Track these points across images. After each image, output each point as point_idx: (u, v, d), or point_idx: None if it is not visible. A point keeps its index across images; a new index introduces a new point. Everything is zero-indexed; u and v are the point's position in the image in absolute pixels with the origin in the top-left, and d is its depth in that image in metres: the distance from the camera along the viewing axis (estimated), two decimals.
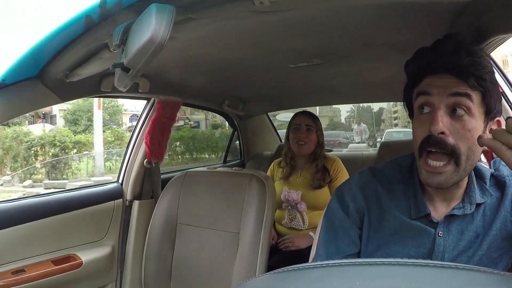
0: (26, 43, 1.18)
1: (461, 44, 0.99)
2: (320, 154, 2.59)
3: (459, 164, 0.97)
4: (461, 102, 0.96)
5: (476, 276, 0.46)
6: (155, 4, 0.88)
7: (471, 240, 1.05)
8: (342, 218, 1.18)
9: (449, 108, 0.97)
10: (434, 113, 0.96)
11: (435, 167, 0.98)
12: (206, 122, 20.42)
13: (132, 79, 1.03)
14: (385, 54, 1.83)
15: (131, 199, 2.47)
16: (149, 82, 2.07)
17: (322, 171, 2.54)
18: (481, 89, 0.97)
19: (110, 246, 2.31)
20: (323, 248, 1.19)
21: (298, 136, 2.55)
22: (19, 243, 1.86)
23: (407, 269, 0.49)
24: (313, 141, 2.57)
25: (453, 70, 0.97)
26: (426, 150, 0.99)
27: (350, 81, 2.59)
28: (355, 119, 35.81)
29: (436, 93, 0.98)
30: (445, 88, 0.97)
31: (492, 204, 1.07)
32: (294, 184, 2.60)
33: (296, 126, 2.59)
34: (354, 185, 1.20)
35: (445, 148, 0.96)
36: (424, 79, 1.03)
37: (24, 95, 1.34)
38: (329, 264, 0.53)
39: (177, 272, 2.18)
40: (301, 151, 2.57)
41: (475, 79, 0.95)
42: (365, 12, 1.30)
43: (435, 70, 1.00)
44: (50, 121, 26.32)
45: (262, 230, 1.94)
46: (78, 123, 22.02)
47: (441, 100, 0.97)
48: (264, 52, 1.75)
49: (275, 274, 0.56)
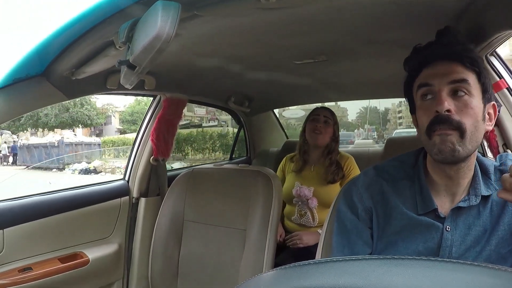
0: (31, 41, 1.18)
1: (453, 36, 1.09)
2: (335, 149, 2.58)
3: (463, 137, 1.01)
4: (461, 87, 1.03)
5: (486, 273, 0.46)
6: (161, 1, 0.88)
7: (478, 235, 1.06)
8: (353, 220, 1.19)
9: (450, 92, 1.03)
10: (438, 95, 1.03)
11: (445, 129, 1.01)
12: (232, 122, 21.23)
13: (138, 76, 1.03)
14: (389, 51, 1.83)
15: (137, 197, 2.48)
16: (155, 80, 2.07)
17: (336, 165, 2.53)
18: (476, 69, 1.05)
19: (116, 243, 2.31)
20: (338, 253, 1.20)
21: (315, 125, 2.55)
22: (25, 241, 1.87)
23: (417, 266, 0.49)
24: (329, 134, 2.56)
25: (448, 57, 1.06)
26: (433, 130, 1.03)
27: (355, 78, 2.59)
28: (367, 119, 39.89)
29: (436, 82, 1.05)
30: (444, 77, 1.05)
31: (499, 200, 1.07)
32: (307, 179, 2.58)
33: (315, 117, 2.59)
34: (360, 186, 1.21)
35: (452, 124, 1.01)
36: (422, 71, 1.10)
37: (30, 93, 1.34)
38: (334, 260, 0.53)
39: (183, 269, 2.19)
40: (316, 141, 2.55)
41: (469, 61, 1.05)
42: (369, 9, 1.30)
43: (432, 61, 1.08)
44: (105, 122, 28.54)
45: (269, 227, 1.94)
46: (137, 123, 23.91)
47: (442, 87, 1.04)
48: (269, 49, 1.75)
49: (282, 271, 0.55)
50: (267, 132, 4.18)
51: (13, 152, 19.78)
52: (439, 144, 1.02)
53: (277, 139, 4.19)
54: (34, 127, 25.81)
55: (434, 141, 1.03)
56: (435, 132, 1.02)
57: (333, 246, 1.24)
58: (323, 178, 2.52)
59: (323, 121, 2.56)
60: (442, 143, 1.02)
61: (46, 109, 22.95)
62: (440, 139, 1.02)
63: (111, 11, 1.04)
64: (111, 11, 1.05)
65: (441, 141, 1.02)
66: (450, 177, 1.09)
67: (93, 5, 1.06)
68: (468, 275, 0.47)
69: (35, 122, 25.19)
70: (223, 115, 19.78)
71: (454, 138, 1.00)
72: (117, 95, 4.81)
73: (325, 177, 2.51)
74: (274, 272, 0.57)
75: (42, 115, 24.06)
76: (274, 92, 3.13)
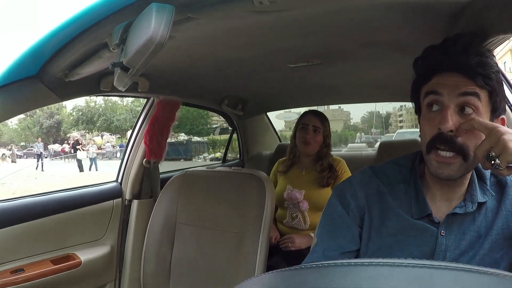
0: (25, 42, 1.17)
1: (470, 44, 1.00)
2: (326, 154, 2.59)
3: (467, 159, 0.99)
4: (470, 101, 0.98)
5: (477, 277, 0.46)
6: (155, 4, 0.88)
7: (472, 240, 1.06)
8: (343, 215, 1.18)
9: (458, 107, 0.99)
10: (445, 111, 0.98)
11: (446, 157, 0.99)
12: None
13: (132, 78, 1.03)
14: (384, 54, 1.83)
15: (130, 199, 2.47)
16: (149, 82, 2.07)
17: (328, 169, 2.54)
18: (488, 88, 0.99)
19: (109, 245, 2.31)
20: (320, 244, 1.19)
21: (304, 136, 2.55)
22: (18, 242, 1.86)
23: (409, 270, 0.49)
24: (319, 142, 2.56)
25: (462, 70, 0.99)
26: (435, 147, 1.01)
27: (350, 81, 2.59)
28: (373, 124, 44.17)
29: (446, 92, 1.00)
30: (455, 88, 0.99)
31: (492, 205, 1.08)
32: (298, 183, 2.59)
33: (304, 126, 2.58)
34: (356, 184, 1.20)
35: (453, 147, 0.98)
36: (433, 78, 1.05)
37: (23, 94, 1.34)
38: (328, 264, 0.53)
39: (176, 271, 2.18)
40: (306, 151, 2.57)
41: (482, 79, 0.98)
42: (364, 12, 1.29)
43: (444, 69, 1.02)
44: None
45: (262, 230, 1.94)
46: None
47: (450, 100, 0.99)
48: (264, 51, 1.75)
49: (274, 274, 0.56)
50: (260, 135, 4.18)
51: (120, 148, 24.88)
52: (436, 168, 1.02)
53: (270, 142, 4.19)
54: (107, 130, 27.21)
55: (431, 161, 1.03)
56: (435, 152, 1.01)
57: (317, 238, 1.23)
58: (315, 182, 2.53)
59: (312, 130, 2.55)
60: (440, 168, 1.01)
61: (119, 115, 25.61)
62: (438, 165, 1.01)
63: (105, 13, 1.04)
64: (105, 13, 1.04)
65: (439, 166, 1.01)
66: (447, 184, 1.08)
67: (87, 6, 1.06)
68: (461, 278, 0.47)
69: (108, 126, 28.65)
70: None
71: (457, 165, 0.99)
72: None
73: (318, 181, 2.52)
74: (266, 275, 0.57)
75: (115, 120, 25.69)
76: (268, 95, 3.14)
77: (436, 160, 1.01)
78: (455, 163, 0.99)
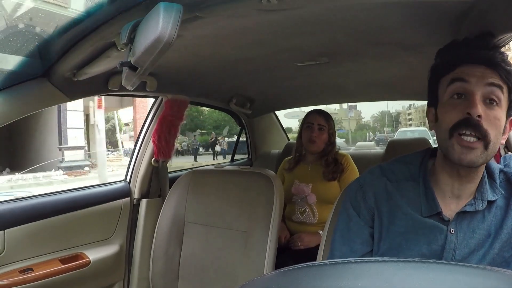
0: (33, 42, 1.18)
1: (495, 43, 1.08)
2: (330, 151, 2.65)
3: (487, 147, 1.00)
4: (495, 92, 1.01)
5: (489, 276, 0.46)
6: (163, 3, 0.88)
7: (482, 239, 1.05)
8: (354, 218, 1.19)
9: (483, 97, 1.01)
10: (473, 97, 1.01)
11: (469, 141, 1.00)
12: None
13: (140, 77, 1.03)
14: (391, 53, 1.82)
15: (138, 198, 2.47)
16: (157, 81, 2.08)
17: (334, 163, 2.60)
18: (509, 84, 1.03)
19: (117, 244, 2.31)
20: (338, 251, 1.20)
21: (309, 134, 2.62)
22: (26, 242, 1.87)
23: (419, 268, 0.48)
24: (324, 140, 2.64)
25: (488, 63, 1.03)
26: (458, 132, 1.02)
27: (357, 80, 2.58)
28: (385, 123, 46.64)
29: (473, 81, 1.02)
30: (482, 78, 1.02)
31: (502, 203, 1.07)
32: (305, 177, 2.64)
33: (309, 124, 2.65)
34: (365, 184, 1.21)
35: (479, 131, 0.99)
36: (458, 67, 1.06)
37: (32, 94, 1.35)
38: (335, 262, 0.53)
39: (184, 270, 2.19)
40: (311, 149, 2.64)
41: (505, 74, 1.02)
42: (371, 11, 1.29)
43: (472, 61, 1.05)
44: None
45: (270, 229, 1.94)
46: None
47: (478, 88, 1.02)
48: (271, 50, 1.74)
49: (282, 273, 0.55)
50: (268, 134, 4.18)
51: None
52: (460, 153, 1.01)
53: (279, 141, 4.19)
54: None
55: (454, 146, 1.03)
56: (458, 137, 1.01)
57: (333, 243, 1.23)
58: (321, 176, 2.58)
59: (318, 128, 2.62)
60: (463, 153, 1.01)
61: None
62: (462, 150, 1.01)
63: (113, 13, 1.05)
64: (113, 12, 1.05)
65: (462, 151, 1.01)
66: (460, 177, 1.08)
67: (95, 6, 1.06)
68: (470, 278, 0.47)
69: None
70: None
71: (479, 151, 1.00)
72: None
73: (324, 175, 2.57)
74: (275, 273, 0.57)
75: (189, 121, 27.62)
76: (276, 94, 3.13)
77: (460, 145, 1.01)
78: (477, 149, 1.00)
